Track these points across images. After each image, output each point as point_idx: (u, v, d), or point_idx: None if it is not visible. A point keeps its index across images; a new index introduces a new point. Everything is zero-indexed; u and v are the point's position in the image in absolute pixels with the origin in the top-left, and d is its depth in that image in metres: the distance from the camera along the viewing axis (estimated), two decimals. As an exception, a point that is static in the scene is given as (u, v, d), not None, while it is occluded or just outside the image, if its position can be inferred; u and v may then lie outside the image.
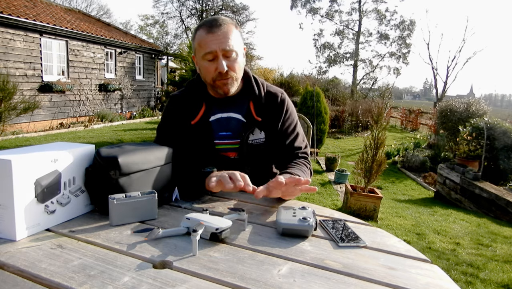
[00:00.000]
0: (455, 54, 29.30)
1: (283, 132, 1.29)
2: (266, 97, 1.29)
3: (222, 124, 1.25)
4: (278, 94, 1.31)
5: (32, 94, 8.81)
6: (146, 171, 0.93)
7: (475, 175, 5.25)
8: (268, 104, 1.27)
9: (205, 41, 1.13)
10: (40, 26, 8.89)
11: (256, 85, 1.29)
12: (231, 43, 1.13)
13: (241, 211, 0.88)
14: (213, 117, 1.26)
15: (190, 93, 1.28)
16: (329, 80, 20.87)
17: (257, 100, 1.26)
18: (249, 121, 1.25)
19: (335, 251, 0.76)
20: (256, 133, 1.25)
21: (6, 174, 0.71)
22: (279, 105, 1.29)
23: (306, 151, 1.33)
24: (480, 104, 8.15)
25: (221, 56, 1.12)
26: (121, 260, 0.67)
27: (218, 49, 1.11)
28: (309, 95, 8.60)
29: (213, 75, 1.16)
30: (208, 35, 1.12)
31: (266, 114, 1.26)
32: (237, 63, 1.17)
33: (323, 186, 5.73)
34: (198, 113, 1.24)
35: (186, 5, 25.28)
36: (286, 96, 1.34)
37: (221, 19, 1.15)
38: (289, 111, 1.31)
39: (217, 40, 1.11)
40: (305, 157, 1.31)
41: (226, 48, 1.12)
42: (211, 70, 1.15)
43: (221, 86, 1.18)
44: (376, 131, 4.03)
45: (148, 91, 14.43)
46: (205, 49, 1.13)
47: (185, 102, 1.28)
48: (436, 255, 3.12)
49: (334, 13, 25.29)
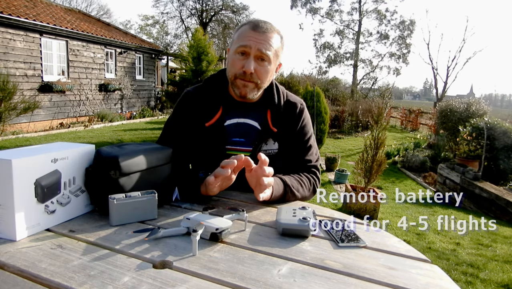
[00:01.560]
0: (455, 54, 29.31)
1: (296, 144, 1.25)
2: (285, 106, 1.24)
3: (237, 130, 1.20)
4: (297, 105, 1.26)
5: (32, 94, 8.80)
6: (146, 171, 0.93)
7: (475, 175, 5.25)
8: (286, 114, 1.23)
9: (245, 34, 1.10)
10: (40, 26, 8.90)
11: (277, 93, 1.24)
12: (269, 48, 1.09)
13: (241, 211, 0.88)
14: (229, 121, 1.20)
15: (207, 93, 1.22)
16: (329, 80, 20.86)
17: (275, 110, 1.22)
18: (265, 131, 1.20)
19: (335, 251, 0.76)
20: (269, 144, 1.21)
21: (6, 174, 0.71)
22: (296, 116, 1.25)
23: (316, 164, 1.27)
24: (480, 104, 8.15)
25: (253, 55, 1.09)
26: (121, 260, 0.67)
27: (254, 47, 1.08)
28: (309, 95, 8.60)
29: (237, 72, 1.11)
30: (251, 31, 1.09)
31: (283, 124, 1.22)
32: (265, 71, 1.12)
33: (323, 185, 5.73)
34: (214, 116, 1.18)
35: (186, 5, 25.29)
36: (305, 107, 1.29)
37: (271, 25, 1.13)
38: (304, 122, 1.26)
39: (257, 39, 1.08)
40: (313, 171, 1.24)
41: (262, 49, 1.08)
42: (237, 65, 1.11)
43: (240, 87, 1.13)
44: (376, 131, 4.03)
45: (148, 91, 14.43)
46: (241, 41, 1.09)
47: (201, 101, 1.22)
48: (436, 255, 3.12)
49: (334, 13, 25.32)
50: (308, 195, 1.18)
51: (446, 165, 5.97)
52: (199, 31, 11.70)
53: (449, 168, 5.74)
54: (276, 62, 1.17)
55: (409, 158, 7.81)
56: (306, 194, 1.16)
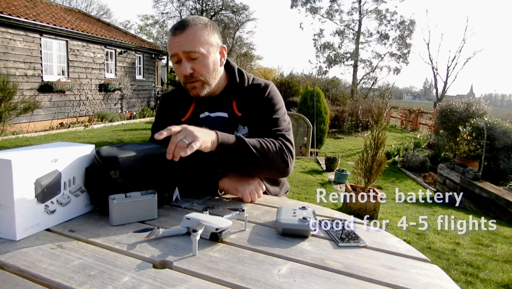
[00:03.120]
0: (455, 54, 29.29)
1: (262, 119, 1.19)
2: (249, 89, 1.23)
3: (210, 123, 1.22)
4: (261, 85, 1.24)
5: (32, 94, 8.80)
6: (146, 171, 0.93)
7: (475, 174, 5.25)
8: (250, 96, 1.22)
9: (169, 44, 1.11)
10: (40, 26, 8.89)
11: (239, 77, 1.24)
12: (193, 45, 1.08)
13: (241, 211, 0.88)
14: (202, 115, 1.24)
15: (181, 92, 1.27)
16: (329, 80, 20.87)
17: (239, 95, 1.22)
18: (231, 119, 1.21)
19: (335, 251, 0.76)
20: (240, 130, 1.20)
21: (6, 174, 0.71)
22: (259, 94, 1.22)
23: (284, 134, 1.16)
24: (480, 104, 8.15)
25: (184, 58, 1.09)
26: (121, 260, 0.67)
27: (180, 51, 1.09)
28: (309, 95, 8.60)
29: (182, 79, 1.14)
30: (172, 38, 1.10)
31: (249, 107, 1.21)
32: (203, 65, 1.11)
33: (323, 185, 5.73)
34: (188, 110, 1.23)
35: (186, 5, 25.27)
36: (270, 85, 1.26)
37: (188, 20, 1.11)
38: (269, 98, 1.22)
39: (179, 42, 1.08)
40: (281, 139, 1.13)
41: (187, 49, 1.08)
42: (179, 73, 1.13)
43: (191, 90, 1.16)
44: (376, 131, 4.03)
45: (148, 91, 14.42)
46: (170, 51, 1.11)
47: (176, 100, 1.28)
48: (436, 255, 3.12)
49: (334, 12, 25.31)
50: (274, 157, 1.08)
51: (446, 165, 5.97)
52: (199, 31, 11.67)
53: (449, 168, 5.74)
54: (213, 50, 1.13)
55: (409, 158, 7.81)
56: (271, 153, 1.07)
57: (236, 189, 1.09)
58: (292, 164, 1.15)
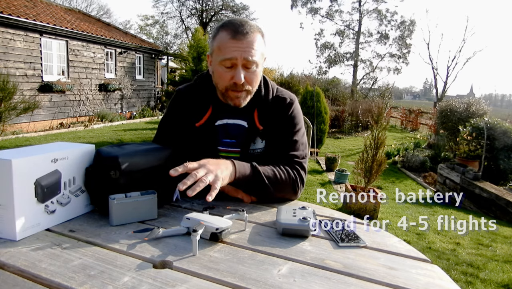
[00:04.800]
0: (455, 54, 29.27)
1: (281, 138, 1.17)
2: (273, 102, 1.19)
3: (228, 131, 1.17)
4: (286, 100, 1.20)
5: (32, 94, 8.80)
6: (146, 170, 0.93)
7: (475, 174, 5.25)
8: (273, 110, 1.18)
9: (226, 45, 1.03)
10: (40, 26, 8.89)
11: (265, 88, 1.19)
12: (254, 54, 1.04)
13: (241, 211, 0.88)
14: (219, 122, 1.17)
15: (197, 92, 1.20)
16: (329, 80, 20.86)
17: (263, 107, 1.17)
18: (251, 130, 1.16)
19: (335, 251, 0.76)
20: (257, 142, 1.17)
21: (6, 174, 0.71)
22: (283, 111, 1.18)
23: (301, 161, 1.15)
24: (480, 104, 8.15)
25: (240, 66, 1.04)
26: (121, 260, 0.67)
27: (240, 57, 1.03)
28: (309, 95, 8.60)
29: (227, 84, 1.07)
30: (232, 41, 1.02)
31: (270, 121, 1.17)
32: (255, 76, 1.08)
33: (323, 185, 5.73)
34: (204, 115, 1.16)
35: (186, 5, 25.31)
36: (295, 102, 1.22)
37: (249, 25, 1.05)
38: (292, 116, 1.19)
39: (241, 48, 1.02)
40: (296, 167, 1.12)
41: (249, 58, 1.03)
42: (226, 78, 1.06)
43: (233, 98, 1.10)
44: (376, 131, 4.03)
45: (148, 91, 14.43)
46: (225, 54, 1.04)
47: (191, 100, 1.20)
48: (436, 255, 3.12)
49: (334, 13, 25.34)
50: (285, 188, 1.08)
51: (446, 165, 5.97)
52: (199, 31, 11.68)
53: (449, 168, 5.74)
54: (263, 60, 1.11)
55: (409, 158, 7.81)
56: (283, 185, 1.07)
57: (236, 189, 1.09)
58: (301, 192, 1.14)
